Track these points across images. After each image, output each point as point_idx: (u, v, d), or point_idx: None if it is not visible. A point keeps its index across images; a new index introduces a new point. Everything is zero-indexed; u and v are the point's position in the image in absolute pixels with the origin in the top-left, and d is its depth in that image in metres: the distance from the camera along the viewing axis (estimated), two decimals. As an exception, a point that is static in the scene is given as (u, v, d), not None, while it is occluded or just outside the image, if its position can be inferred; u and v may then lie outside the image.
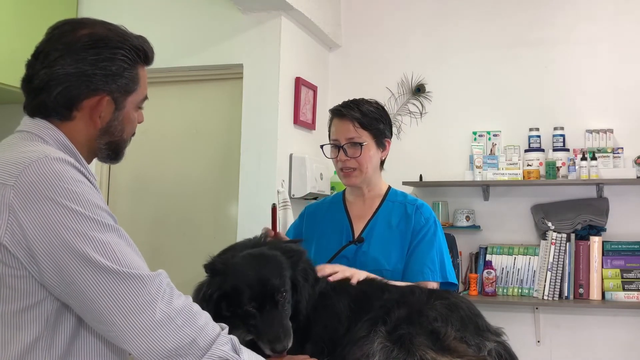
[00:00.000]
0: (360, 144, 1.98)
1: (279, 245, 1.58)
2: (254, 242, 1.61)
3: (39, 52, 1.25)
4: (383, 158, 2.08)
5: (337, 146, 2.02)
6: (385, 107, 2.11)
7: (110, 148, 1.33)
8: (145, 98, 1.37)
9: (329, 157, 2.08)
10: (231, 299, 1.41)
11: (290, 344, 1.38)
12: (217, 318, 1.33)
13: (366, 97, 2.09)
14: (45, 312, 1.13)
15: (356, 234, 2.03)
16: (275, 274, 1.44)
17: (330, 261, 1.92)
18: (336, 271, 1.69)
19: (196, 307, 1.20)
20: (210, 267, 1.48)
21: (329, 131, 2.08)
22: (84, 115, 1.26)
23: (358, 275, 1.71)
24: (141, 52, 1.31)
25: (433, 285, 1.92)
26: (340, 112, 2.01)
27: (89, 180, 1.19)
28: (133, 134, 1.38)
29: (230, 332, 1.34)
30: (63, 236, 1.09)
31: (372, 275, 1.77)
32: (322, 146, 2.13)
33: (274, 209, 1.93)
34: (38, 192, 1.10)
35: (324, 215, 2.13)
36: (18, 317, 1.13)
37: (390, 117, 2.15)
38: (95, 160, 1.37)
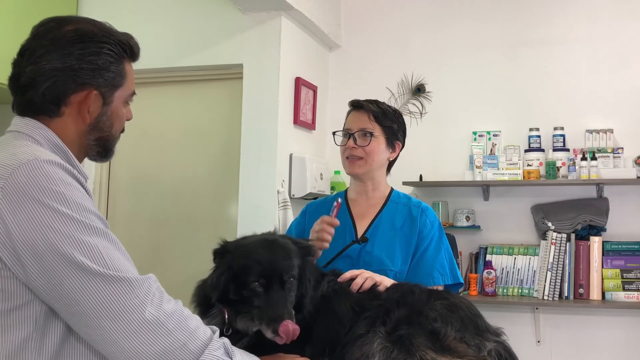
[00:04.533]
0: (371, 134, 2.01)
1: (291, 237, 1.59)
2: (264, 235, 1.60)
3: (25, 49, 1.25)
4: (391, 159, 2.10)
5: (348, 134, 2.05)
6: (404, 116, 2.16)
7: (100, 144, 1.32)
8: (133, 93, 1.37)
9: (339, 144, 2.10)
10: (239, 278, 1.41)
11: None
12: (223, 302, 1.39)
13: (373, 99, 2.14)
14: (34, 314, 1.12)
15: (359, 234, 2.03)
16: (285, 257, 1.46)
17: (333, 260, 1.92)
18: (356, 275, 1.67)
19: (187, 311, 1.19)
20: (220, 249, 1.49)
21: (345, 122, 2.11)
22: (73, 110, 1.25)
23: (385, 282, 1.68)
24: (127, 47, 1.31)
25: (440, 287, 1.92)
26: (359, 103, 2.07)
27: (79, 182, 1.18)
28: (122, 131, 1.38)
29: (235, 321, 1.36)
30: (50, 239, 1.07)
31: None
32: (334, 133, 2.16)
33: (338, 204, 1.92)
34: (26, 194, 1.09)
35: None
36: (5, 317, 1.11)
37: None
38: (95, 162, 1.37)
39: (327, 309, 1.54)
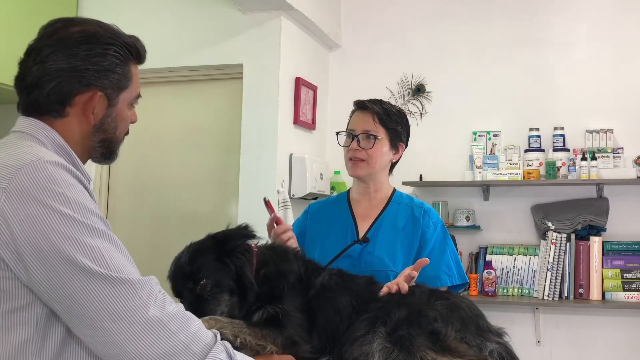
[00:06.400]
0: (375, 137, 2.00)
1: (219, 233, 1.59)
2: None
3: (31, 49, 1.25)
4: (394, 160, 2.10)
5: (351, 136, 2.04)
6: (407, 115, 2.16)
7: (104, 146, 1.32)
8: (139, 96, 1.36)
9: (342, 145, 2.09)
10: None
11: None
12: None
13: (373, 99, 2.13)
14: (35, 316, 1.12)
15: (361, 234, 2.03)
16: (187, 262, 1.50)
17: (334, 260, 1.92)
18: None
19: (188, 313, 1.18)
20: None
21: (348, 122, 2.10)
22: (77, 111, 1.25)
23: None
24: (133, 49, 1.31)
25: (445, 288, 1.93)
26: (364, 104, 2.06)
27: (82, 183, 1.17)
28: (127, 133, 1.37)
29: None
30: (52, 240, 1.07)
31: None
32: (337, 133, 2.14)
33: (267, 202, 1.99)
34: (29, 195, 1.08)
35: (328, 213, 2.13)
36: (6, 318, 1.11)
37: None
38: (99, 164, 1.36)
39: (328, 298, 1.56)
